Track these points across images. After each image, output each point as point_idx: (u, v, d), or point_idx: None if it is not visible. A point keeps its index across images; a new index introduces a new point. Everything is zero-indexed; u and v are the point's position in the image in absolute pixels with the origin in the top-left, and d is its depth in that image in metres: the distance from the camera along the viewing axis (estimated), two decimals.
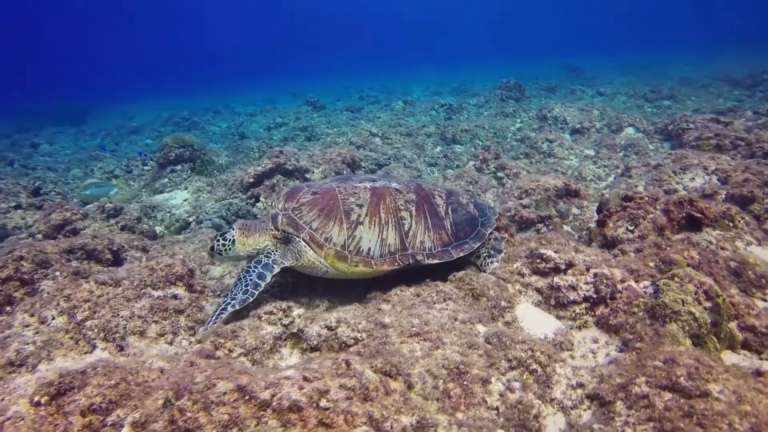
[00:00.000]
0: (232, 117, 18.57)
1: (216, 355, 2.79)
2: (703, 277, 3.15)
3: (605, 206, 4.77)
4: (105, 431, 2.00)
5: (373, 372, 2.27)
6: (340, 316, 2.99)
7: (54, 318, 3.05)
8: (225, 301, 3.33)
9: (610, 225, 4.45)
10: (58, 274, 3.87)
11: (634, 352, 2.84)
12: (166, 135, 11.34)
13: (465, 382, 2.49)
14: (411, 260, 3.60)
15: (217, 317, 3.21)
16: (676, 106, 13.32)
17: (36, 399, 2.14)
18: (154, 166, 9.22)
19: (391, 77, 29.28)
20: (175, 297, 3.41)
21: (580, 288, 3.35)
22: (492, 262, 3.78)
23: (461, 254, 3.73)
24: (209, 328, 3.12)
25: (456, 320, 2.96)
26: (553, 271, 3.54)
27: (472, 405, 2.42)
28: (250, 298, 3.34)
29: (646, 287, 3.27)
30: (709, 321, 2.91)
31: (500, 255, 3.84)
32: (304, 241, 3.54)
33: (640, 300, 3.15)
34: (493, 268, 3.73)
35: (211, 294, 3.78)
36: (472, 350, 2.68)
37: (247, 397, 1.99)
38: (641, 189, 6.34)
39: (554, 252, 3.59)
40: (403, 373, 2.37)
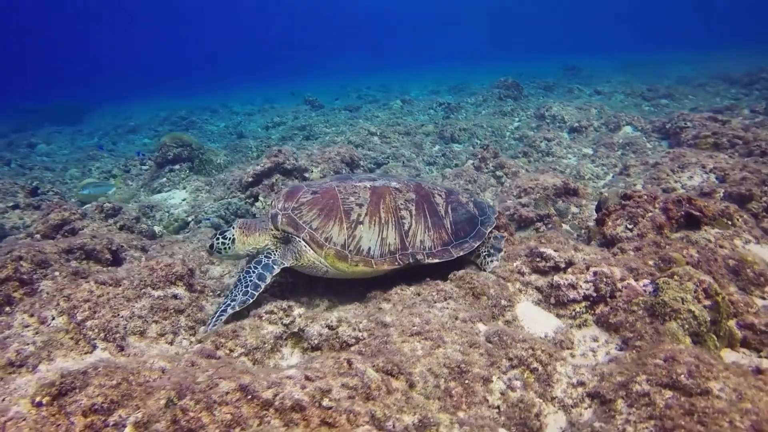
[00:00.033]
0: (230, 116, 18.55)
1: (217, 355, 2.79)
2: (703, 275, 3.15)
3: (604, 205, 4.78)
4: (107, 431, 2.00)
5: (374, 371, 2.27)
6: (341, 316, 2.99)
7: (54, 318, 3.04)
8: (225, 302, 3.32)
9: (609, 223, 4.46)
10: (57, 274, 3.85)
11: (634, 351, 2.84)
12: (164, 134, 11.31)
13: (466, 381, 2.49)
14: (411, 260, 3.59)
15: (217, 319, 3.21)
16: (673, 105, 13.35)
17: (37, 399, 2.14)
18: (152, 166, 9.19)
19: (389, 77, 29.26)
20: (175, 297, 3.41)
21: (580, 286, 3.35)
22: (492, 261, 3.78)
23: (461, 253, 3.73)
24: (209, 331, 3.12)
25: (457, 319, 2.96)
26: (553, 269, 3.55)
27: (473, 404, 2.42)
28: (249, 299, 3.33)
29: (645, 285, 3.27)
30: (708, 319, 2.92)
31: (500, 254, 3.84)
32: (304, 240, 3.54)
33: (639, 298, 3.16)
34: (493, 267, 3.73)
35: (211, 294, 3.77)
36: (473, 349, 2.68)
37: (250, 396, 1.98)
38: (640, 187, 6.34)
39: (554, 251, 3.60)
40: (404, 372, 2.37)
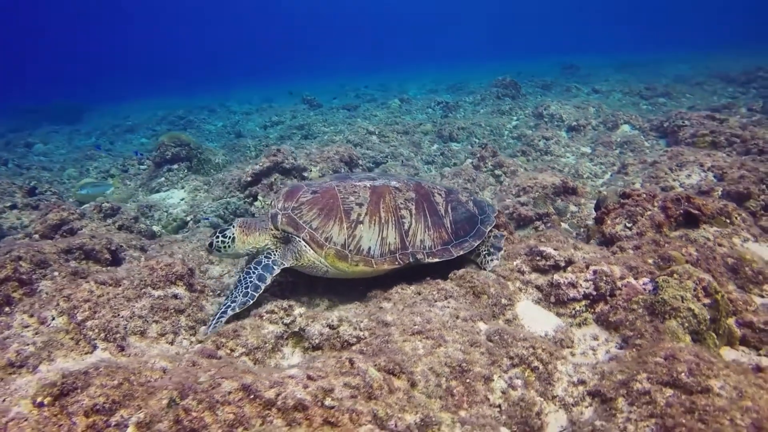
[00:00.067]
0: (228, 115, 18.52)
1: (218, 355, 2.79)
2: (702, 273, 3.16)
3: (603, 203, 4.79)
4: (109, 431, 2.00)
5: (376, 370, 2.27)
6: (342, 315, 2.99)
7: (54, 318, 3.04)
8: (225, 303, 3.31)
9: (608, 222, 4.46)
10: (56, 274, 3.84)
11: (635, 349, 2.85)
12: (162, 134, 11.29)
13: (467, 380, 2.49)
14: (411, 259, 3.59)
15: (217, 320, 3.20)
16: (671, 104, 13.38)
17: (39, 400, 2.14)
18: (150, 165, 9.17)
19: (387, 76, 29.25)
20: (175, 296, 3.40)
21: (580, 285, 3.36)
22: (492, 260, 3.78)
23: (461, 253, 3.73)
24: (209, 332, 3.11)
25: (457, 318, 2.96)
26: (553, 268, 3.55)
27: (474, 403, 2.43)
28: (250, 300, 3.32)
29: (645, 284, 3.28)
30: (708, 317, 2.93)
31: (500, 253, 3.84)
32: (304, 240, 3.53)
33: (639, 297, 3.17)
34: (493, 266, 3.73)
35: (211, 293, 3.77)
36: (474, 348, 2.69)
37: (252, 396, 1.98)
38: (638, 186, 6.36)
39: (554, 249, 3.60)
40: (406, 371, 2.37)
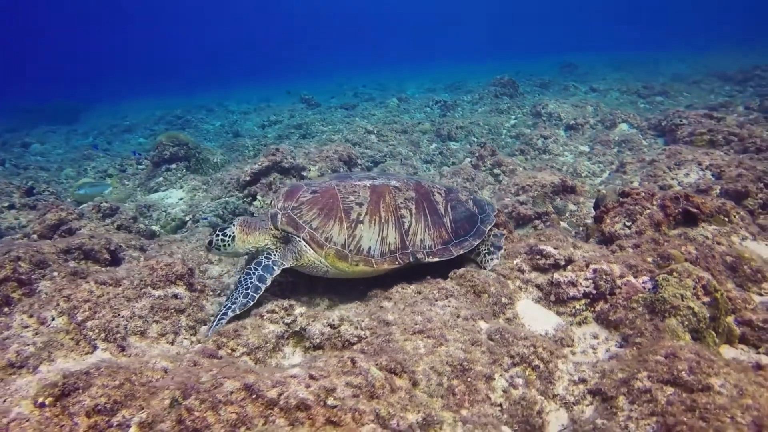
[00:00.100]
0: (226, 115, 18.47)
1: (219, 355, 2.79)
2: (701, 272, 3.18)
3: (602, 202, 4.80)
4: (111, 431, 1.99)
5: (378, 370, 2.27)
6: (343, 314, 3.00)
7: (54, 319, 3.03)
8: (225, 305, 3.31)
9: (607, 221, 4.47)
10: (56, 274, 3.83)
11: (635, 347, 2.86)
12: (159, 134, 11.27)
13: (469, 379, 2.50)
14: (411, 259, 3.59)
15: (218, 322, 3.19)
16: (668, 102, 13.42)
17: (40, 400, 2.14)
18: (148, 165, 9.15)
19: (385, 75, 29.19)
20: (175, 296, 3.40)
21: (580, 284, 3.37)
22: (492, 259, 3.78)
23: (461, 252, 3.73)
24: (210, 334, 3.11)
25: (458, 317, 2.97)
26: (553, 267, 3.56)
27: (476, 402, 2.44)
28: (250, 302, 3.32)
29: (645, 282, 3.29)
30: (707, 316, 2.94)
31: (500, 252, 3.84)
32: (304, 240, 3.53)
33: (639, 295, 3.18)
34: (493, 265, 3.74)
35: (211, 293, 3.77)
36: (475, 347, 2.69)
37: (254, 396, 1.98)
38: (636, 185, 6.37)
39: (553, 248, 3.61)
40: (408, 370, 2.37)
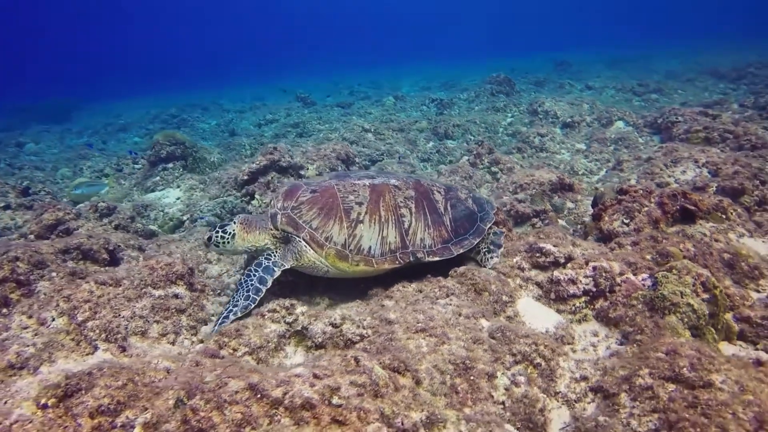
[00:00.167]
0: (222, 114, 18.39)
1: (220, 354, 2.79)
2: (700, 269, 3.20)
3: (600, 200, 4.82)
4: None
5: (381, 368, 2.27)
6: (345, 313, 2.99)
7: (54, 319, 3.01)
8: (227, 307, 3.30)
9: (605, 218, 4.49)
10: (54, 274, 3.81)
11: (635, 345, 2.88)
12: (155, 133, 11.22)
13: (471, 377, 2.51)
14: (412, 258, 3.59)
15: (220, 325, 3.18)
16: (663, 100, 13.47)
17: (42, 401, 2.13)
18: (144, 165, 9.11)
19: (379, 73, 29.17)
20: (176, 296, 3.39)
21: (580, 281, 3.38)
22: (492, 258, 3.78)
23: (461, 251, 3.73)
24: (212, 337, 3.10)
25: (460, 315, 2.98)
26: (553, 265, 3.57)
27: (479, 400, 2.44)
28: (252, 304, 3.31)
29: (644, 280, 3.31)
30: (707, 312, 2.97)
31: (500, 250, 3.84)
32: (304, 240, 3.52)
33: (639, 293, 3.20)
34: (493, 263, 3.74)
35: (211, 293, 3.76)
36: (477, 345, 2.70)
37: (259, 395, 1.98)
38: (634, 182, 6.41)
39: (553, 246, 3.62)
40: (411, 369, 2.38)
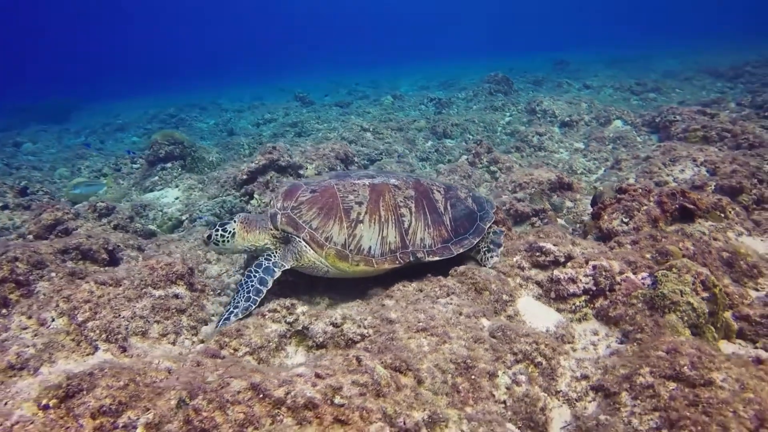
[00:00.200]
0: (220, 113, 18.35)
1: (221, 355, 2.79)
2: (700, 267, 3.20)
3: (599, 199, 4.84)
4: None
5: (383, 368, 2.28)
6: (345, 313, 3.00)
7: (54, 320, 3.01)
8: (228, 309, 3.30)
9: (605, 217, 4.50)
10: (53, 275, 3.80)
11: (635, 343, 2.88)
12: (153, 132, 11.19)
13: (473, 377, 2.51)
14: (412, 258, 3.59)
15: (221, 326, 3.17)
16: (661, 99, 13.49)
17: (44, 402, 2.12)
18: (143, 164, 9.09)
19: (378, 72, 29.19)
20: (176, 296, 3.38)
21: (580, 280, 3.39)
22: (492, 257, 3.79)
23: (461, 250, 3.73)
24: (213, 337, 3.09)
25: (461, 314, 2.98)
26: (553, 264, 3.58)
27: (480, 399, 2.45)
28: (252, 305, 3.31)
29: (644, 278, 3.32)
30: (706, 311, 2.97)
31: (500, 249, 3.84)
32: (304, 241, 3.51)
33: (638, 291, 3.20)
34: (493, 263, 3.74)
35: (211, 293, 3.76)
36: (478, 344, 2.71)
37: (262, 395, 1.98)
38: (632, 181, 6.42)
39: (553, 245, 3.62)
40: (412, 368, 2.38)
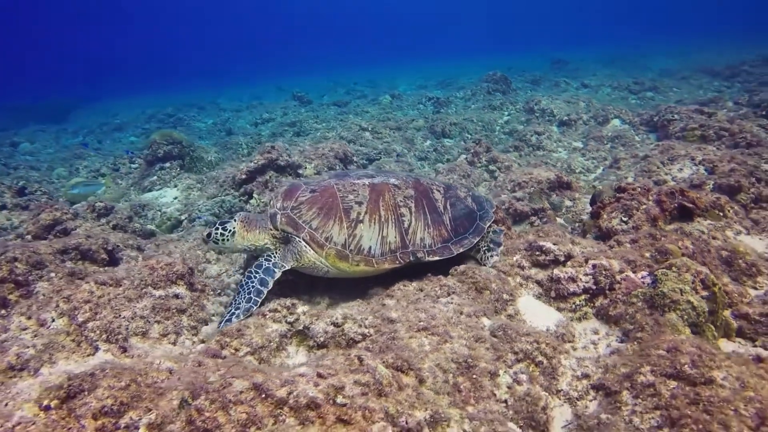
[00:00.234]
0: (218, 113, 18.32)
1: (222, 355, 2.78)
2: (699, 266, 3.21)
3: (599, 198, 4.84)
4: None
5: (385, 367, 2.28)
6: (346, 313, 3.00)
7: (54, 320, 3.00)
8: (229, 310, 3.30)
9: (604, 216, 4.51)
10: (53, 275, 3.80)
11: (636, 342, 2.89)
12: (151, 132, 11.17)
13: (474, 376, 2.52)
14: (412, 258, 3.59)
15: (223, 327, 3.16)
16: (659, 98, 13.52)
17: (45, 403, 2.12)
18: (141, 164, 9.07)
19: (376, 72, 29.17)
20: (176, 296, 3.38)
21: (580, 279, 3.40)
22: (492, 256, 3.79)
23: (461, 250, 3.73)
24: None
25: (461, 314, 2.98)
26: (553, 263, 3.59)
27: (481, 398, 2.45)
28: (253, 306, 3.31)
29: (644, 277, 3.32)
30: (706, 309, 2.98)
31: (500, 248, 3.85)
32: (304, 241, 3.51)
33: (638, 290, 3.21)
34: (493, 262, 3.75)
35: (211, 293, 3.75)
36: (479, 343, 2.71)
37: (264, 395, 1.98)
38: (631, 180, 6.43)
39: (553, 244, 3.63)
40: (414, 367, 2.39)
